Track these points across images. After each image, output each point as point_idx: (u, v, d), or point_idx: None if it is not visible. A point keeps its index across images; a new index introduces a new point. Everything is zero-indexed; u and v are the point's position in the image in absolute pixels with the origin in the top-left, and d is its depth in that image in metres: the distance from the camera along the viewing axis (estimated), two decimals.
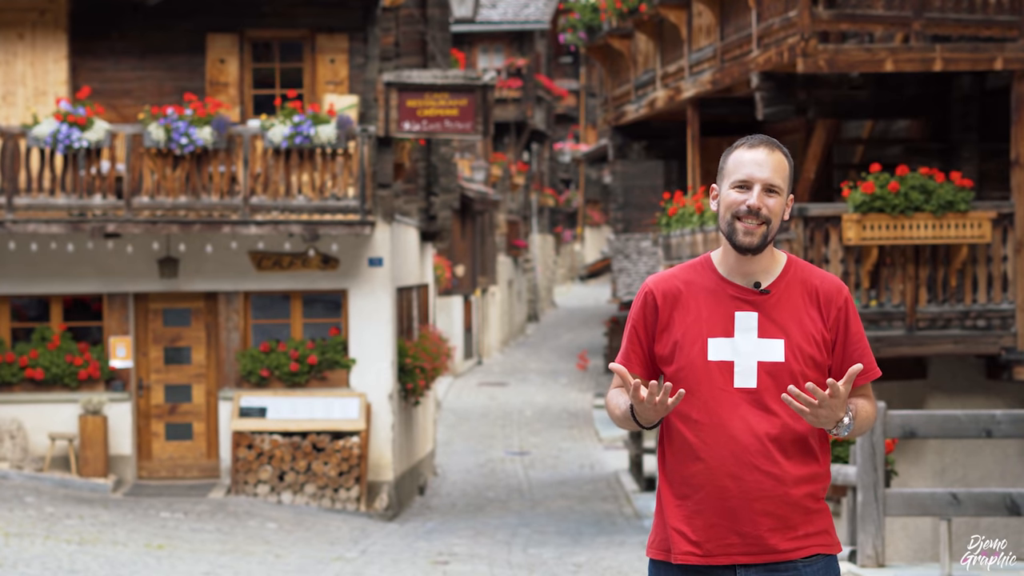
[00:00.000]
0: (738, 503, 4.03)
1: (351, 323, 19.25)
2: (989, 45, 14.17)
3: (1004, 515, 9.40)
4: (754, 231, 4.02)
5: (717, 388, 4.04)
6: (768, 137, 4.13)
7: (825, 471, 4.11)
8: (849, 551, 9.49)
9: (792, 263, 4.14)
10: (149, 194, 18.14)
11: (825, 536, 4.11)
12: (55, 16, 19.15)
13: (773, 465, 4.01)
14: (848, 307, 4.12)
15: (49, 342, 18.95)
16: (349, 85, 19.31)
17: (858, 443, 9.30)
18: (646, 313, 4.16)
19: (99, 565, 13.04)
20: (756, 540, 4.04)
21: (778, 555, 4.05)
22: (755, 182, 4.03)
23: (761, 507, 4.02)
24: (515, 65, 43.44)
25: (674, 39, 18.07)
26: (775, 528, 4.04)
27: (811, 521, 4.07)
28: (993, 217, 13.89)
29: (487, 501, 21.48)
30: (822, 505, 4.11)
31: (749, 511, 4.03)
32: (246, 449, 18.46)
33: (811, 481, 4.06)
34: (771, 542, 4.04)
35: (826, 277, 4.14)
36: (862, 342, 4.13)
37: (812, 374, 4.05)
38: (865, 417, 4.11)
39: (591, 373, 37.59)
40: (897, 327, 14.01)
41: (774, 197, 4.04)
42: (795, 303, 4.09)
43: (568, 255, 62.27)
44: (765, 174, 4.03)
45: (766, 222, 4.03)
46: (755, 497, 4.02)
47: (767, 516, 4.03)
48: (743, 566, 4.05)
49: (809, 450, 4.07)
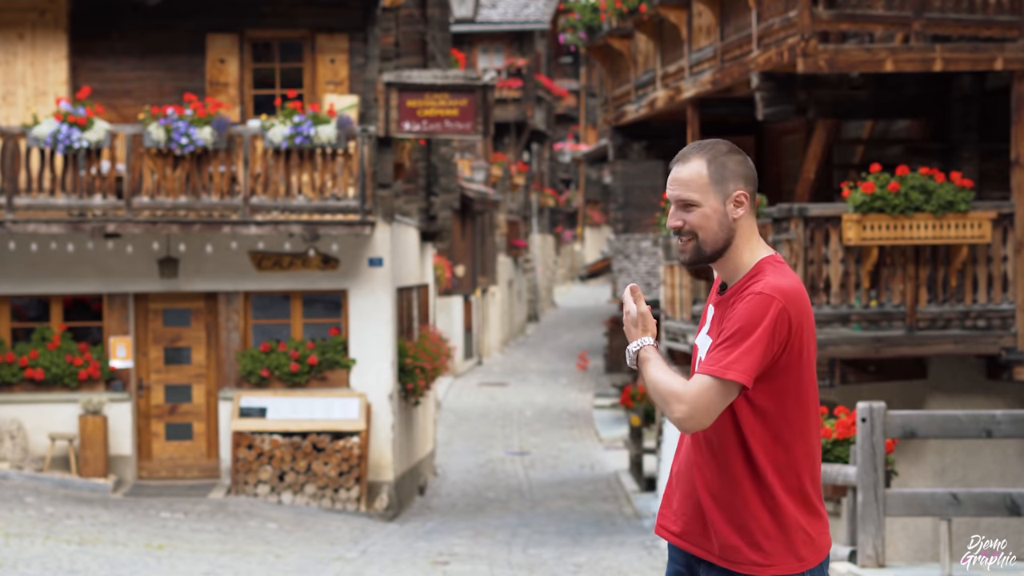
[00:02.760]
0: (691, 489, 4.15)
1: (351, 323, 19.25)
2: (989, 45, 14.17)
3: (1004, 515, 9.40)
4: (684, 248, 4.16)
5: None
6: (690, 147, 4.13)
7: (737, 482, 4.02)
8: (849, 551, 9.49)
9: (756, 270, 4.08)
10: (149, 194, 18.14)
11: (739, 552, 4.05)
12: (55, 16, 19.14)
13: (693, 465, 4.13)
14: (747, 299, 3.98)
15: (49, 342, 18.95)
16: (349, 85, 19.31)
17: (858, 443, 9.30)
18: None
19: (99, 565, 13.04)
20: (692, 535, 4.14)
21: (702, 552, 4.11)
22: (672, 201, 4.14)
23: (691, 502, 4.13)
24: (515, 65, 43.44)
25: (674, 39, 18.06)
26: (697, 526, 4.11)
27: (722, 530, 4.06)
28: (993, 217, 13.88)
29: (487, 501, 21.48)
30: (739, 517, 4.03)
31: (693, 503, 4.12)
32: (246, 449, 18.46)
33: (718, 488, 4.06)
34: (697, 538, 4.12)
35: (757, 284, 4.02)
36: (729, 336, 3.96)
37: None
38: (657, 375, 3.99)
39: (591, 373, 37.58)
40: (897, 327, 14.01)
41: (692, 210, 4.08)
42: (733, 308, 4.06)
43: (568, 255, 62.28)
44: (676, 192, 4.11)
45: (693, 236, 4.10)
46: (686, 494, 4.16)
47: (693, 514, 4.12)
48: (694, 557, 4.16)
49: (718, 454, 4.06)
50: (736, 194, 4.07)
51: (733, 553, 4.05)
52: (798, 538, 4.05)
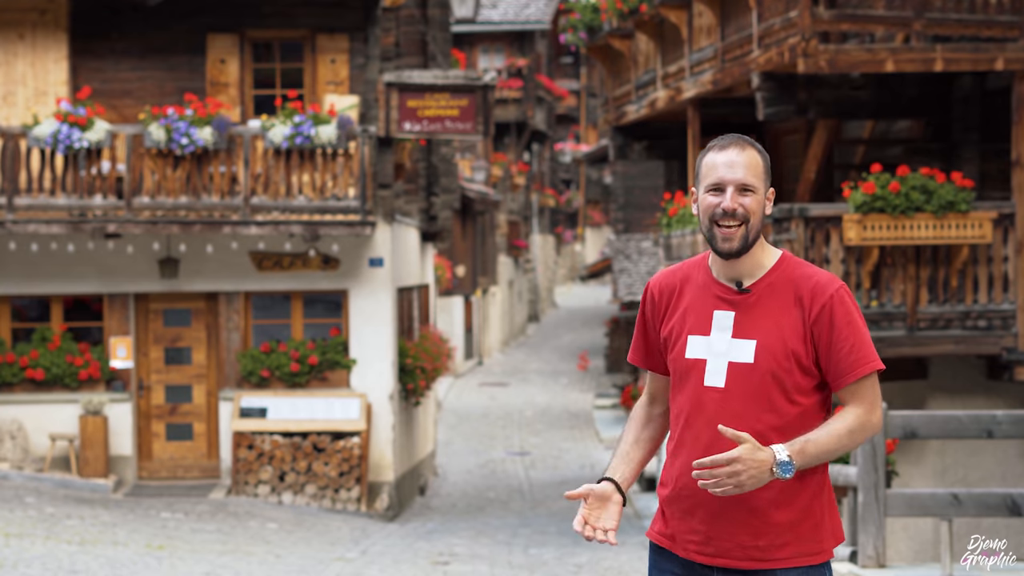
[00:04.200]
0: (699, 503, 4.03)
1: (352, 323, 19.24)
2: (990, 45, 14.16)
3: (1005, 515, 9.39)
4: (732, 235, 4.01)
5: (691, 386, 4.06)
6: (739, 135, 4.10)
7: (798, 475, 3.97)
8: (850, 551, 9.49)
9: (783, 262, 4.09)
10: (150, 194, 18.14)
11: (801, 544, 4.03)
12: (55, 16, 19.14)
13: None
14: (834, 303, 4.00)
15: (49, 342, 18.94)
16: (350, 85, 19.31)
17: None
18: (646, 308, 4.24)
19: (99, 565, 13.03)
20: (719, 543, 4.03)
21: (742, 562, 4.02)
22: (728, 184, 4.01)
23: (721, 510, 4.00)
24: (516, 65, 43.43)
25: (675, 39, 18.06)
26: (739, 533, 4.00)
27: (781, 528, 4.00)
28: (994, 217, 13.88)
29: (488, 501, 21.48)
30: (797, 511, 4.01)
31: (710, 513, 4.01)
32: (246, 449, 18.46)
33: (776, 486, 3.96)
34: (733, 547, 4.01)
35: (814, 275, 4.05)
36: (850, 338, 3.99)
37: (788, 377, 4.00)
38: (828, 440, 3.95)
39: (592, 374, 37.58)
40: (898, 327, 14.01)
41: (749, 196, 4.02)
42: (775, 303, 4.04)
43: (569, 255, 62.28)
44: (737, 174, 4.01)
45: (744, 222, 4.01)
46: (716, 499, 3.99)
47: (729, 520, 4.00)
48: (719, 569, 4.04)
49: None
50: (771, 191, 4.09)
51: (800, 546, 4.02)
52: (837, 521, 4.14)
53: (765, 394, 3.99)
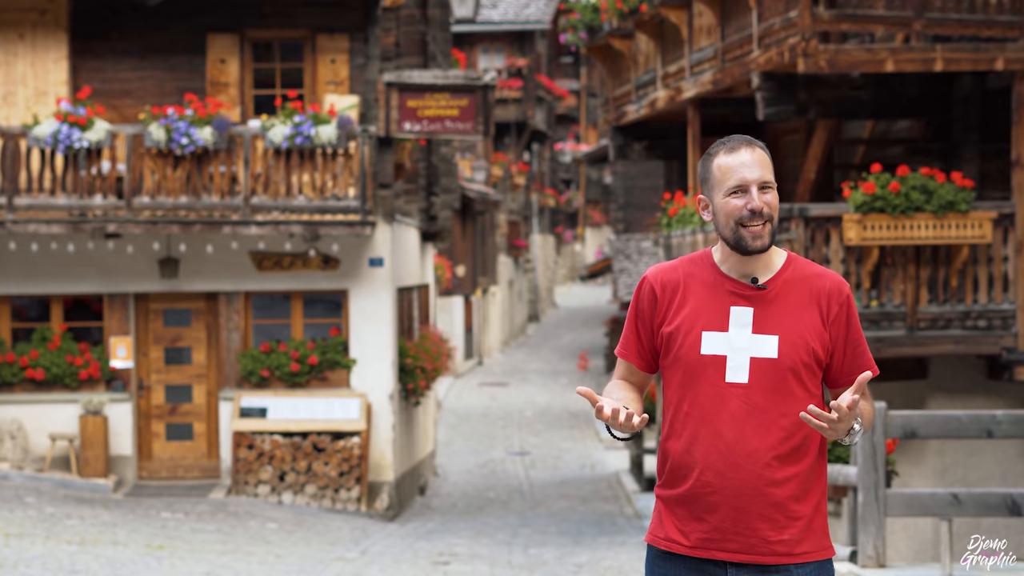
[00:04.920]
0: (722, 499, 4.01)
1: (352, 323, 19.24)
2: (990, 45, 14.16)
3: (1005, 515, 9.39)
4: (762, 233, 4.02)
5: (708, 382, 4.03)
6: (743, 136, 4.11)
7: (813, 469, 4.03)
8: (850, 551, 9.48)
9: (792, 260, 4.12)
10: (150, 194, 18.14)
11: (815, 539, 4.06)
12: (55, 16, 19.14)
13: (758, 464, 3.99)
14: (849, 305, 4.09)
15: (49, 342, 18.94)
16: (350, 85, 19.31)
17: (859, 443, 9.29)
18: (644, 304, 4.18)
19: (99, 565, 13.03)
20: (742, 539, 4.02)
21: (765, 557, 4.02)
22: (751, 184, 4.02)
23: (744, 504, 4.00)
24: (516, 65, 43.44)
25: (675, 39, 18.06)
26: (763, 528, 4.01)
27: (801, 523, 4.02)
28: (994, 217, 13.88)
29: (488, 501, 21.48)
30: (812, 506, 4.05)
31: (733, 508, 4.00)
32: (247, 449, 18.46)
33: (797, 480, 4.00)
34: (757, 542, 4.01)
35: (827, 275, 4.11)
36: (861, 339, 4.11)
37: (805, 372, 4.02)
38: (868, 420, 4.08)
39: (592, 373, 37.58)
40: (898, 327, 14.01)
41: (769, 192, 4.04)
42: (793, 300, 4.06)
43: (569, 255, 62.29)
44: (757, 174, 4.02)
45: (769, 220, 4.03)
46: (739, 494, 3.99)
47: (753, 515, 4.00)
48: (734, 565, 4.03)
49: (797, 448, 4.03)
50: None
51: (816, 540, 4.06)
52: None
53: (787, 388, 4.01)
